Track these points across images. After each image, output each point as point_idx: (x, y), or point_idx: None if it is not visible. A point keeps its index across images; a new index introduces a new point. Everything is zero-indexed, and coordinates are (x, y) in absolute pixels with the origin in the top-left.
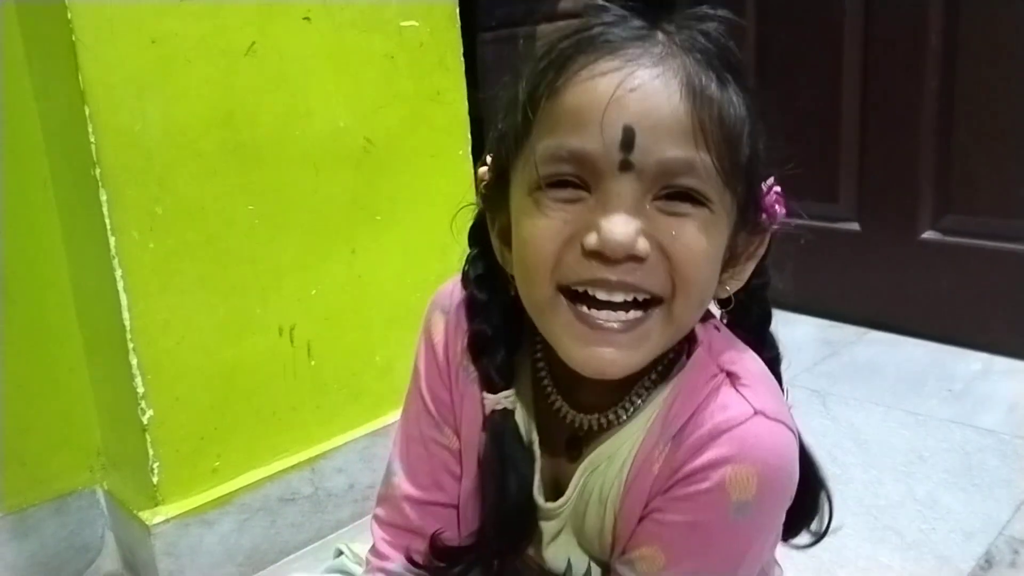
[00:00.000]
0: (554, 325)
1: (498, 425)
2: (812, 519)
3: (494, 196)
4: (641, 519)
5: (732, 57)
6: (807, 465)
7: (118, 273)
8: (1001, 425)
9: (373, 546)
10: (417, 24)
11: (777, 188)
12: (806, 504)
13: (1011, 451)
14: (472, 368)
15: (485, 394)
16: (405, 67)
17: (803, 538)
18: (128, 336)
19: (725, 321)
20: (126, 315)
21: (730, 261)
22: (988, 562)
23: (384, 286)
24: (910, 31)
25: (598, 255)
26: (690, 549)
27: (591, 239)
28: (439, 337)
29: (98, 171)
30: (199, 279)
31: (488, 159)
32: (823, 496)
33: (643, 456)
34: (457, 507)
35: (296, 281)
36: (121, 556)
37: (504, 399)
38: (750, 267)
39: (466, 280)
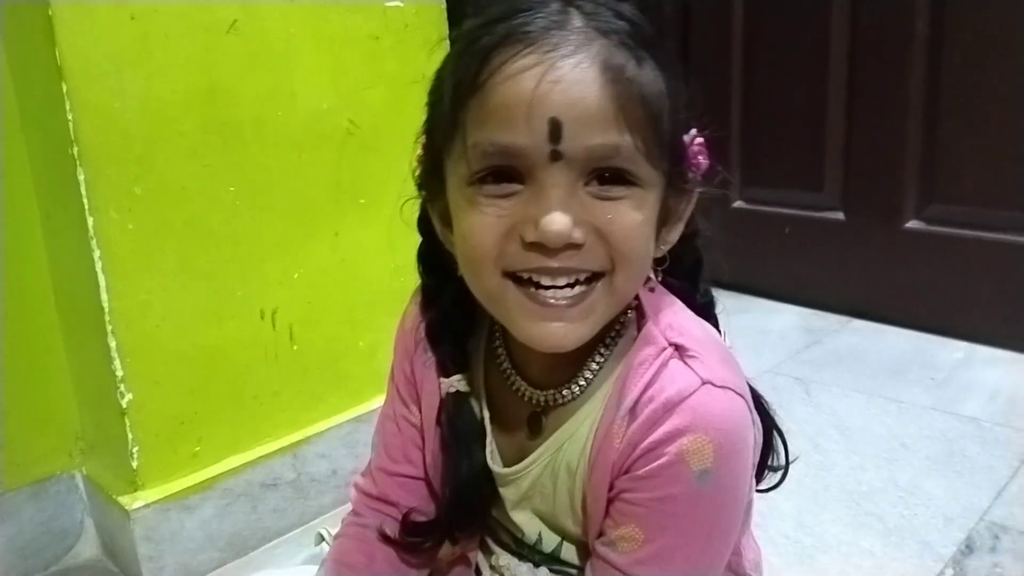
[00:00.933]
0: (505, 307)
1: (451, 408)
2: (768, 458)
3: (431, 183)
4: (612, 501)
5: (646, 33)
6: (758, 409)
7: (96, 254)
8: (982, 412)
9: (352, 510)
10: (402, 5)
11: (699, 139)
12: (762, 445)
13: (992, 438)
14: (430, 353)
15: (440, 379)
16: (390, 48)
17: (769, 481)
18: (106, 318)
19: (660, 279)
20: (104, 297)
21: (663, 223)
22: (968, 547)
23: (368, 270)
24: (896, 19)
25: (538, 246)
26: (664, 524)
27: (530, 233)
28: (409, 323)
29: (76, 150)
30: (179, 261)
31: (421, 145)
32: (774, 433)
33: (603, 432)
34: (425, 479)
35: (278, 264)
36: (100, 541)
37: (456, 383)
38: (681, 226)
39: (419, 271)
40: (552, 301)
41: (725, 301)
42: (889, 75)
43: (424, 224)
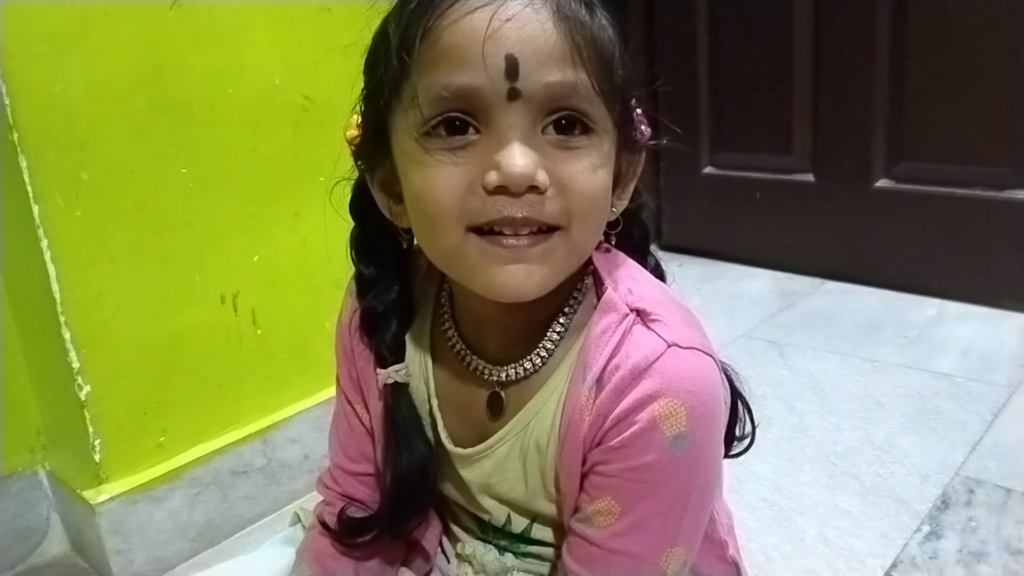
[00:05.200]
0: (467, 260)
1: (390, 399)
2: (734, 426)
3: (371, 152)
4: (586, 475)
5: None
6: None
7: (44, 243)
8: (956, 368)
9: (324, 500)
10: None
11: (639, 109)
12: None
13: (965, 393)
14: (365, 346)
15: (377, 369)
16: (342, 20)
17: (736, 448)
18: (59, 309)
19: (614, 242)
20: (55, 287)
21: (617, 182)
22: (944, 503)
23: (331, 250)
24: None
25: (501, 190)
26: (640, 493)
27: (492, 177)
28: (346, 317)
29: (16, 135)
30: (132, 247)
31: (356, 118)
32: (739, 403)
33: (571, 406)
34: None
35: (237, 247)
36: (68, 538)
37: (395, 373)
38: (632, 187)
39: (352, 257)
40: (513, 242)
41: (698, 268)
42: (854, 34)
43: (357, 207)
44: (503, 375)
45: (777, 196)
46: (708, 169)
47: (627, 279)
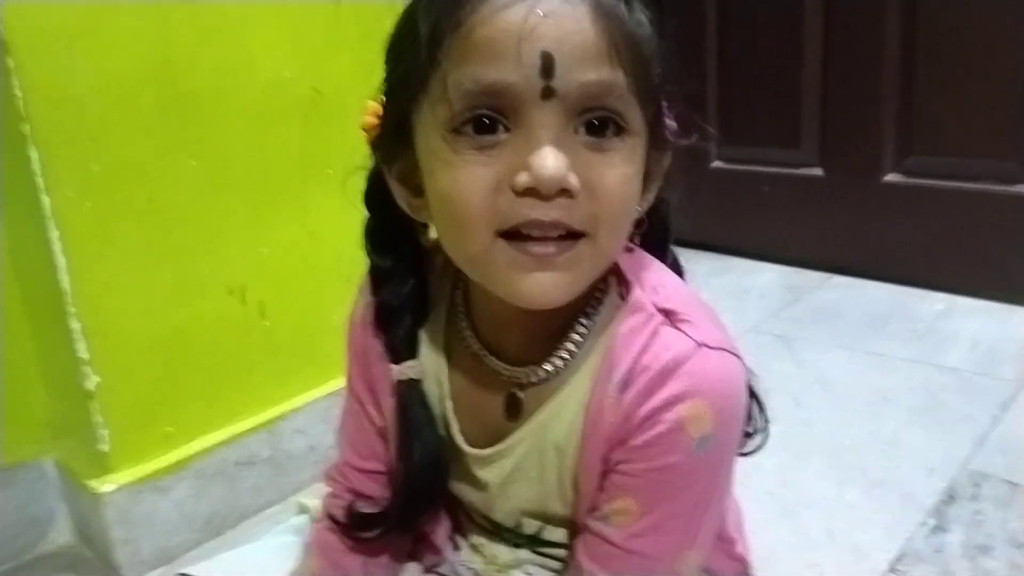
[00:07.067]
0: (493, 266)
1: (403, 396)
2: (747, 423)
3: (391, 144)
4: (606, 473)
5: None
6: None
7: (54, 235)
8: (963, 363)
9: (331, 493)
10: None
11: (665, 104)
12: None
13: (972, 388)
14: (378, 342)
15: (391, 365)
16: (351, 12)
17: (748, 446)
18: (68, 300)
19: (637, 242)
20: (65, 278)
21: (644, 182)
22: (951, 496)
23: (338, 243)
24: None
25: (531, 192)
26: (662, 494)
27: (522, 178)
28: (357, 316)
29: (27, 127)
30: (141, 239)
31: (378, 106)
32: (752, 400)
33: (594, 407)
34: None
35: (245, 240)
36: (75, 527)
37: (408, 369)
38: (657, 185)
39: (367, 249)
40: (539, 249)
41: (706, 262)
42: (864, 28)
43: (372, 198)
44: (523, 375)
45: (785, 190)
46: (716, 163)
47: (652, 279)
